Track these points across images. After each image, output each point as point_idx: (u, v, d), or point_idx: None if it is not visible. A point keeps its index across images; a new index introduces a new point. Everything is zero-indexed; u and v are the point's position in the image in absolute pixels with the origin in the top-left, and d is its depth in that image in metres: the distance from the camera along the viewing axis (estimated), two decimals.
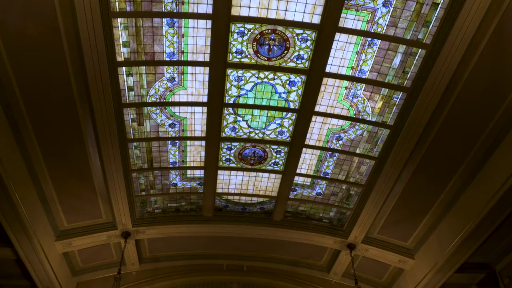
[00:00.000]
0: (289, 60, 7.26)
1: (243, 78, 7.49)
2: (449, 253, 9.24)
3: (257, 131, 8.51)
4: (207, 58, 7.20)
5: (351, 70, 7.34)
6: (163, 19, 6.78)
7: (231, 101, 7.88)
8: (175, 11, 6.67)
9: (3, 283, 10.91)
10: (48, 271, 9.76)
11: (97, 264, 11.33)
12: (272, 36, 6.98)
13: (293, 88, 7.65)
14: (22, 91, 7.10)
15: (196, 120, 8.25)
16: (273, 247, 11.58)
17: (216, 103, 7.80)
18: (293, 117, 8.16)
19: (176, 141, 8.65)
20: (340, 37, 6.93)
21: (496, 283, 10.44)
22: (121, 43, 6.95)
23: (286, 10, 6.66)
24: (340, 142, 8.60)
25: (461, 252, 9.22)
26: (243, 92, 7.73)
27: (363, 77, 7.41)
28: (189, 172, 9.51)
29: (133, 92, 7.63)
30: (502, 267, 10.38)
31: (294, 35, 6.94)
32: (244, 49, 7.13)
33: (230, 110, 8.06)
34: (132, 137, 8.38)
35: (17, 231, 8.49)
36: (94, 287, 11.28)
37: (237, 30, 6.87)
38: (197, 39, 7.01)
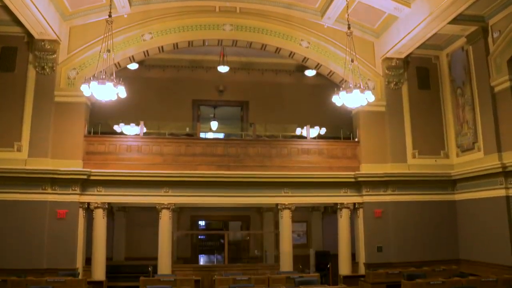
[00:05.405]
0: None
1: None
2: (447, 2, 8.99)
3: None
4: None
5: None
6: None
7: None
8: None
9: None
10: (37, 15, 9.56)
11: (87, 8, 11.09)
12: None
13: None
14: None
15: None
16: None
17: None
18: None
19: None
20: None
21: (485, 36, 10.50)
22: None
23: None
24: None
25: (459, 2, 9.00)
26: None
27: None
28: None
29: None
30: (496, 21, 10.29)
31: None
32: None
33: None
34: None
35: None
36: (88, 31, 11.29)
37: None
38: None
